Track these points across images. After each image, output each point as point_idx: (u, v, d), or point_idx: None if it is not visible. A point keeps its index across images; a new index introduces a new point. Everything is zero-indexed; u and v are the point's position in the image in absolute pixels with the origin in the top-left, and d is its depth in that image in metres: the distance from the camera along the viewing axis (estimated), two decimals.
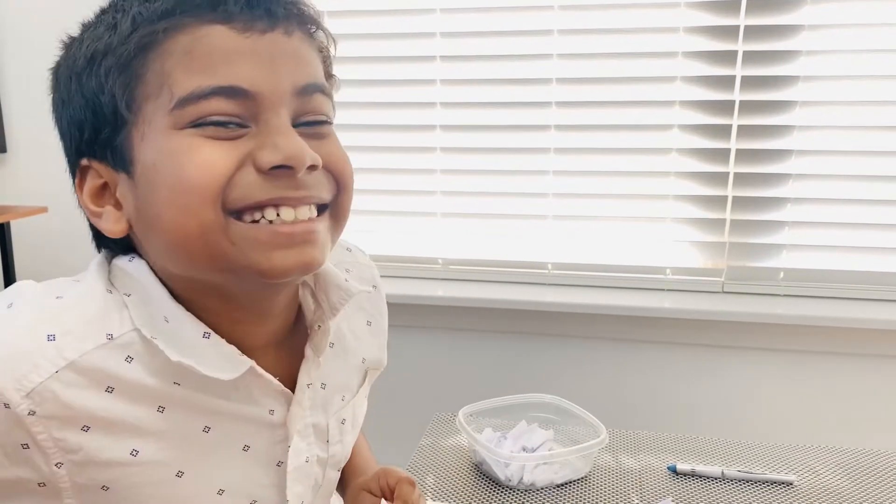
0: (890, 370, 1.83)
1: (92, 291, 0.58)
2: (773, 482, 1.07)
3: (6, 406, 0.53)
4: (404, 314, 2.04)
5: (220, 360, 0.58)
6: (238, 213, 0.55)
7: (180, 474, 0.60)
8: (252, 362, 0.60)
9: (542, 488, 1.05)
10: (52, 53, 0.66)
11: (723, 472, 1.08)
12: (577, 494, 1.03)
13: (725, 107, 1.84)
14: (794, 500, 1.02)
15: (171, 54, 0.54)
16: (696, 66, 1.84)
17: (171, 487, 0.59)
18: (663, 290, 1.95)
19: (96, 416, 0.56)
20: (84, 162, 0.60)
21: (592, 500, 1.02)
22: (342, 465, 0.75)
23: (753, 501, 1.02)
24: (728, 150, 1.86)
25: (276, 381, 0.62)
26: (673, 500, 1.00)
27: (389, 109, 2.02)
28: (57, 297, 0.57)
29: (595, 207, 1.96)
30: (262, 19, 0.56)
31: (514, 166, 1.98)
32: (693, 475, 1.08)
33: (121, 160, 0.57)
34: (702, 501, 1.01)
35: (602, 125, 1.91)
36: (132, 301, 0.58)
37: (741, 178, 1.86)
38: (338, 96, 2.17)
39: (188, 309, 0.59)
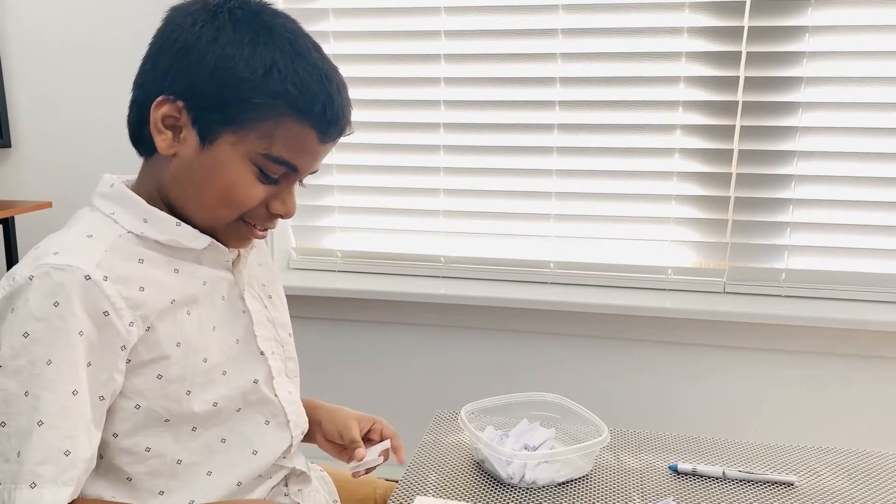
0: (891, 372, 1.83)
1: (92, 220, 0.87)
2: (774, 482, 1.07)
3: (88, 278, 0.78)
4: (407, 311, 2.05)
5: (192, 237, 0.88)
6: (241, 218, 0.89)
7: (189, 313, 0.88)
8: (212, 239, 0.89)
9: (543, 486, 1.05)
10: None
11: (724, 472, 1.08)
12: (578, 493, 1.04)
13: (729, 108, 1.84)
14: (795, 501, 1.02)
15: (286, 128, 0.84)
16: (700, 68, 1.84)
17: (187, 323, 0.87)
18: (665, 289, 1.95)
19: (144, 278, 0.83)
20: (179, 103, 0.83)
21: (594, 498, 1.02)
22: (291, 341, 1.04)
23: (754, 501, 1.02)
24: (731, 151, 1.86)
25: (227, 252, 0.92)
26: (674, 500, 1.00)
27: (393, 108, 2.02)
28: (67, 228, 0.87)
29: (597, 207, 1.97)
30: (334, 139, 0.88)
31: (517, 165, 1.99)
32: (694, 475, 1.08)
33: (204, 131, 0.84)
34: (703, 501, 1.02)
35: (605, 125, 1.92)
36: (117, 216, 0.87)
37: (744, 179, 1.87)
38: None
39: (173, 209, 0.89)
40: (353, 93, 2.08)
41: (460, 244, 2.08)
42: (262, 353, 0.95)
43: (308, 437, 1.07)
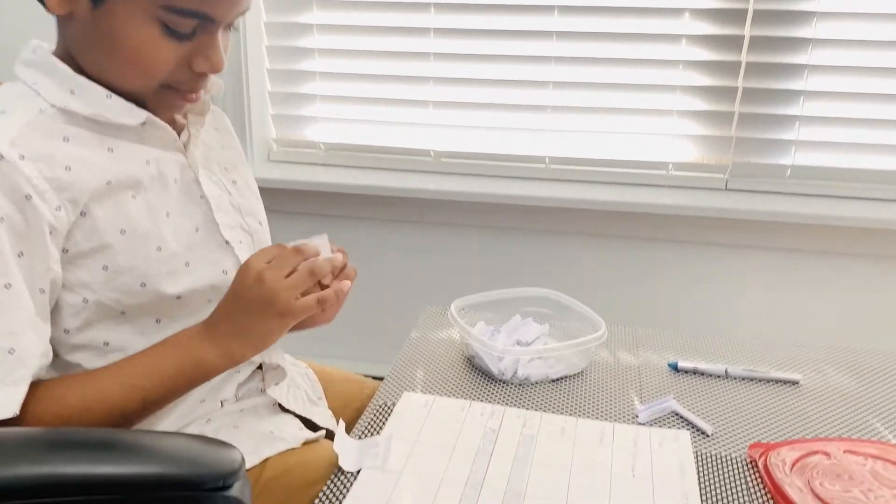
0: None
1: (10, 94, 0.77)
2: (778, 381, 1.03)
3: (1, 157, 0.69)
4: (394, 207, 1.97)
5: (123, 111, 0.78)
6: (165, 84, 0.79)
7: (134, 197, 0.79)
8: (149, 113, 0.80)
9: (536, 383, 1.00)
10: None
11: (727, 371, 1.03)
12: (572, 390, 0.99)
13: None
14: (800, 399, 0.99)
15: None
16: None
17: (133, 209, 0.79)
18: (665, 186, 1.88)
19: (70, 157, 0.74)
20: None
21: (589, 396, 0.98)
22: (264, 231, 0.95)
23: (758, 400, 0.98)
24: (741, 37, 1.74)
25: (170, 129, 0.83)
26: (674, 398, 0.96)
27: None
28: None
29: (597, 98, 1.86)
30: None
31: (513, 52, 1.86)
32: (695, 373, 1.04)
33: None
34: (705, 399, 0.97)
35: (608, 7, 1.79)
36: (40, 87, 0.77)
37: (753, 69, 1.76)
38: None
39: (93, 79, 0.77)
40: None
41: (451, 137, 1.97)
42: (227, 243, 0.88)
43: None
